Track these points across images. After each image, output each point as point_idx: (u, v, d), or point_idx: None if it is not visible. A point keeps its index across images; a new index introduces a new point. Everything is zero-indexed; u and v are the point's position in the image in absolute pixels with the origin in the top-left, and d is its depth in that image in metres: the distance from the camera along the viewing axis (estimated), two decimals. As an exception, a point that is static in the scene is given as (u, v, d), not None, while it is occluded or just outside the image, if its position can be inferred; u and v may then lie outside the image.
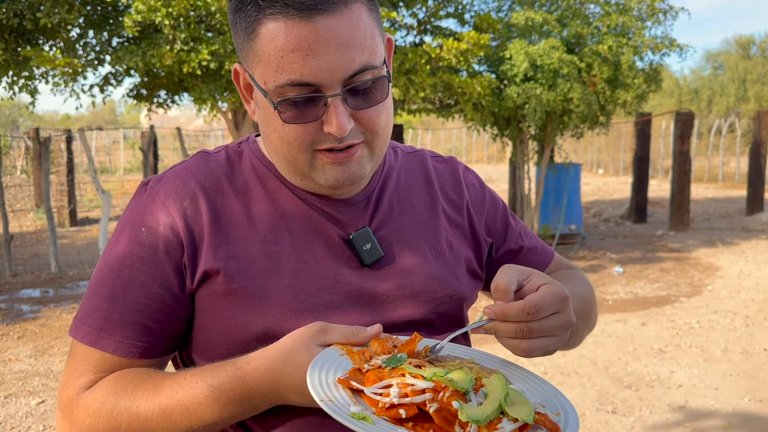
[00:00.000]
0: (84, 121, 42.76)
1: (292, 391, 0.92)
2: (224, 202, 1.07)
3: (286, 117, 0.98)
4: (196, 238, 1.04)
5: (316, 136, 1.00)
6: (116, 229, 1.09)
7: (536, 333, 0.94)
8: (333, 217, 1.09)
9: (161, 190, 1.06)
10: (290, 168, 1.06)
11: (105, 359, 1.03)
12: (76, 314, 1.07)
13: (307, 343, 0.92)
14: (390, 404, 0.82)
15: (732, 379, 4.85)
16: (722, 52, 36.43)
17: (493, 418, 0.82)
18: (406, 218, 1.15)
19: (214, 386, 0.96)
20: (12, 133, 27.49)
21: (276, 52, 0.95)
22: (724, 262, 8.94)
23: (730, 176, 21.33)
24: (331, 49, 0.94)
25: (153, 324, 1.04)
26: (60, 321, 6.52)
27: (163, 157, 23.42)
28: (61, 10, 6.56)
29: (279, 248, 1.06)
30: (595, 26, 8.55)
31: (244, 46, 1.00)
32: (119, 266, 1.04)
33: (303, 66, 0.94)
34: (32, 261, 9.51)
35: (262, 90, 0.99)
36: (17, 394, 4.75)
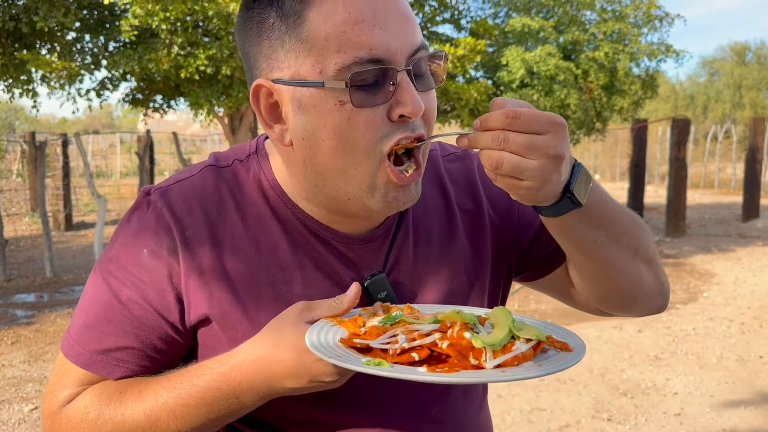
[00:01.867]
0: (81, 125, 42.72)
1: (287, 375, 0.87)
2: (231, 233, 0.99)
3: (358, 101, 0.86)
4: (198, 272, 0.97)
5: (385, 127, 0.89)
6: (115, 239, 1.01)
7: (513, 146, 0.81)
8: (347, 258, 1.01)
9: (165, 209, 0.98)
10: (341, 185, 0.93)
11: (92, 375, 0.99)
12: (69, 327, 1.02)
13: (295, 323, 0.88)
14: (401, 350, 0.80)
15: (728, 387, 4.85)
16: (718, 58, 36.61)
17: (506, 343, 0.81)
18: (423, 251, 1.06)
19: (198, 386, 0.92)
20: (8, 136, 27.43)
21: (336, 28, 0.85)
22: (720, 269, 8.94)
23: (726, 182, 21.38)
24: (397, 18, 0.87)
25: (151, 352, 0.98)
26: (54, 326, 6.49)
27: (160, 161, 23.40)
28: (58, 13, 6.55)
29: (288, 289, 0.98)
30: (592, 33, 8.58)
31: (283, 43, 0.89)
32: (117, 285, 0.98)
33: (371, 38, 0.85)
34: (27, 265, 9.47)
35: (316, 83, 0.87)
36: (10, 400, 4.72)
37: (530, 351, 0.82)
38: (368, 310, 0.94)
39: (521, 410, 4.45)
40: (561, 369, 0.79)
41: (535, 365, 0.81)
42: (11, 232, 11.29)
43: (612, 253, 1.01)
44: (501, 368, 0.79)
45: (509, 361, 0.80)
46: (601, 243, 0.99)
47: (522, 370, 0.79)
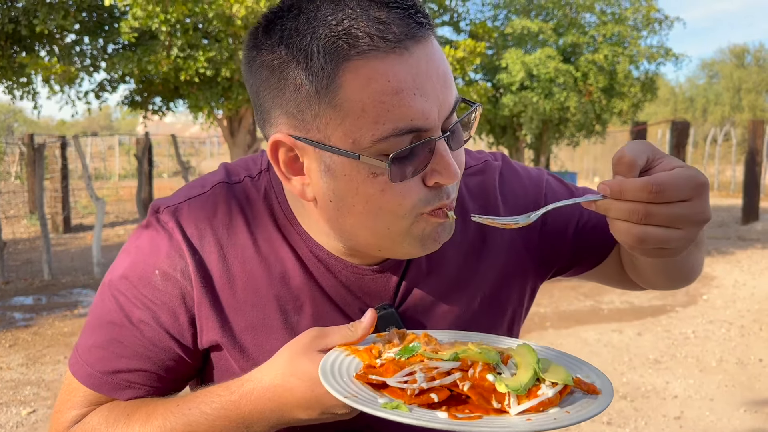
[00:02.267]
0: (79, 127, 42.72)
1: (298, 407, 0.85)
2: (242, 256, 0.96)
3: (396, 176, 0.81)
4: (211, 297, 0.95)
5: (422, 195, 0.85)
6: (124, 259, 0.99)
7: (655, 219, 0.73)
8: (358, 288, 0.98)
9: (177, 231, 0.96)
10: (370, 241, 0.90)
11: (101, 396, 0.99)
12: (77, 347, 1.00)
13: (308, 352, 0.85)
14: (419, 390, 0.76)
15: (727, 390, 4.84)
16: (717, 61, 36.66)
17: (531, 386, 0.77)
18: (436, 280, 1.02)
19: (207, 414, 0.90)
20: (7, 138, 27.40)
21: (373, 98, 0.78)
22: (720, 272, 8.94)
23: (726, 185, 21.40)
24: (436, 83, 0.82)
25: (162, 372, 0.98)
26: (52, 329, 6.47)
27: (158, 163, 23.40)
28: (57, 16, 6.55)
29: (299, 319, 0.97)
30: (591, 35, 8.59)
31: (311, 104, 0.82)
32: (129, 306, 0.96)
33: (411, 108, 0.79)
34: (25, 268, 9.46)
35: (349, 154, 0.81)
36: (8, 403, 4.70)
37: (557, 396, 0.78)
38: (383, 337, 0.91)
39: (521, 414, 4.44)
40: (589, 417, 0.74)
41: (562, 411, 0.76)
42: (9, 234, 11.28)
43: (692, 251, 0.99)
44: (526, 415, 0.75)
45: (534, 407, 0.76)
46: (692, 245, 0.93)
47: (549, 418, 0.74)
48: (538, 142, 9.11)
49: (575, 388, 0.81)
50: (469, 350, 0.81)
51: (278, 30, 0.83)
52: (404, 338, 0.90)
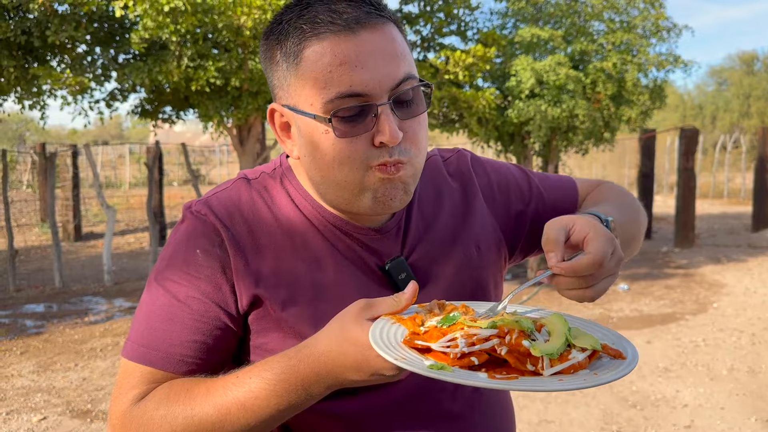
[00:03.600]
0: (90, 136, 43.03)
1: (351, 369, 0.92)
2: (267, 230, 1.10)
3: (339, 132, 1.00)
4: (245, 263, 1.07)
5: (368, 151, 1.02)
6: (166, 253, 1.11)
7: (598, 279, 0.97)
8: (370, 247, 1.13)
9: (209, 214, 1.09)
10: (338, 193, 1.07)
11: (157, 372, 1.05)
12: (129, 337, 1.08)
13: (358, 320, 0.93)
14: (461, 354, 0.84)
15: (738, 399, 4.81)
16: (726, 68, 36.51)
17: (563, 351, 0.85)
18: (433, 237, 1.19)
19: (268, 379, 0.97)
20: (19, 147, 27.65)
21: (323, 68, 0.98)
22: (730, 279, 8.89)
23: (736, 192, 21.28)
24: (378, 59, 1.00)
25: (211, 341, 1.06)
26: (63, 336, 6.52)
27: (168, 172, 23.50)
28: (69, 27, 6.62)
29: (323, 275, 1.09)
30: (600, 43, 8.58)
31: (286, 77, 1.03)
32: (175, 287, 1.06)
33: (352, 77, 0.98)
34: (36, 275, 9.53)
35: (308, 114, 1.02)
36: (19, 410, 4.74)
37: (586, 360, 0.86)
38: (425, 307, 0.98)
39: (529, 422, 4.43)
40: (616, 378, 0.83)
41: (591, 374, 0.84)
42: (21, 242, 11.37)
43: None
44: (558, 376, 0.82)
45: (566, 370, 0.83)
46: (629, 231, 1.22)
47: (578, 378, 0.82)
48: (546, 150, 9.10)
49: (603, 354, 0.89)
50: (505, 319, 0.89)
51: (271, 28, 1.07)
52: (444, 308, 0.99)
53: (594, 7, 8.68)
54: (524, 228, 1.29)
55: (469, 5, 8.49)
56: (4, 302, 7.94)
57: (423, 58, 8.72)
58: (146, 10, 6.28)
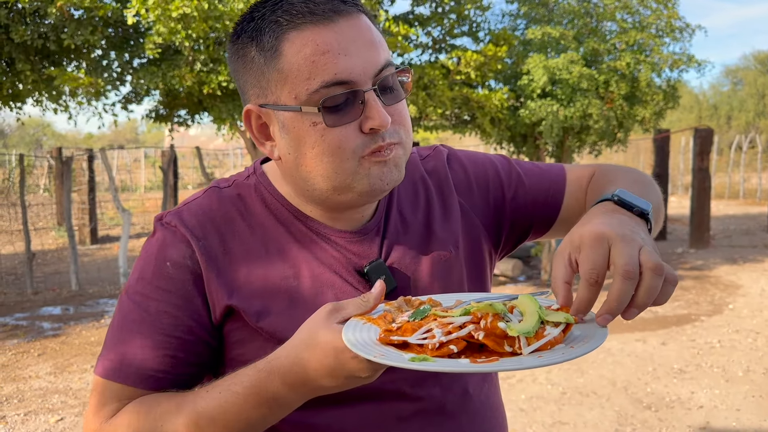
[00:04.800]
0: (106, 140, 43.42)
1: (324, 376, 0.90)
2: (240, 240, 1.08)
3: (330, 121, 0.98)
4: (217, 274, 1.05)
5: (359, 139, 1.00)
6: (137, 266, 1.09)
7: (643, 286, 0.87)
8: (348, 250, 1.11)
9: (180, 225, 1.07)
10: (328, 185, 1.03)
11: (129, 389, 1.04)
12: (102, 351, 1.07)
13: (327, 324, 0.91)
14: (438, 344, 0.83)
15: (754, 401, 4.77)
16: (741, 67, 36.18)
17: (537, 329, 0.85)
18: (411, 239, 1.16)
19: (237, 393, 0.95)
20: (36, 152, 27.95)
21: (306, 58, 0.97)
22: (746, 280, 8.81)
23: (752, 193, 21.07)
24: (359, 46, 0.99)
25: (183, 354, 1.04)
26: (80, 338, 6.58)
27: (183, 175, 23.66)
28: (85, 31, 6.70)
29: (298, 282, 1.06)
30: (612, 43, 8.55)
31: (264, 73, 1.01)
32: (146, 301, 1.04)
33: (336, 65, 0.97)
34: (53, 278, 9.63)
35: (293, 108, 0.99)
36: (37, 411, 4.80)
37: (561, 335, 0.87)
38: (392, 305, 0.98)
39: (543, 424, 4.42)
40: (592, 348, 0.83)
41: (567, 347, 0.85)
42: (38, 245, 11.49)
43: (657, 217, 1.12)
44: (537, 353, 0.83)
45: (543, 347, 0.84)
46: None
47: (557, 353, 0.83)
48: (559, 151, 9.07)
49: (576, 328, 0.89)
50: (478, 305, 0.89)
51: (241, 28, 1.04)
52: (411, 304, 0.98)
53: (606, 8, 8.65)
54: (506, 218, 1.25)
55: (481, 6, 8.49)
56: (22, 305, 8.04)
57: (434, 59, 8.73)
58: (158, 16, 6.34)
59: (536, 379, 5.21)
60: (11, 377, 5.51)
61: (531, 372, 5.29)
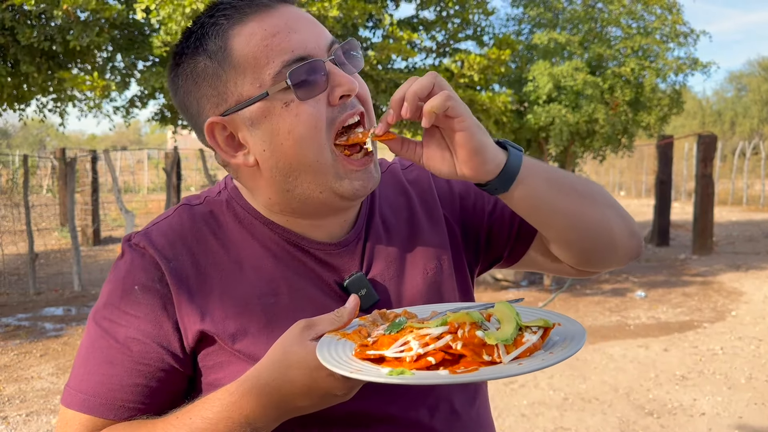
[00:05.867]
0: (109, 141, 43.50)
1: (299, 395, 0.88)
2: (213, 260, 1.03)
3: (301, 94, 0.95)
4: (188, 298, 1.00)
5: (329, 113, 0.98)
6: (105, 290, 1.04)
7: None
8: (327, 263, 1.06)
9: (148, 247, 1.02)
10: (313, 175, 0.99)
11: (98, 420, 0.99)
12: (69, 381, 1.02)
13: (300, 342, 0.88)
14: (416, 356, 0.81)
15: (757, 408, 4.75)
16: (745, 73, 36.15)
17: (516, 336, 0.84)
18: (395, 250, 1.13)
19: (209, 418, 0.91)
20: (39, 153, 28.02)
21: (258, 45, 0.95)
22: (749, 287, 8.79)
23: (755, 199, 21.03)
24: (305, 24, 0.99)
25: (155, 384, 1.00)
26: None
27: (186, 177, 23.70)
28: (91, 33, 6.71)
29: (276, 300, 1.02)
30: (617, 49, 8.55)
31: (219, 76, 0.98)
32: (114, 328, 1.00)
33: (290, 42, 0.96)
34: (56, 279, 9.64)
35: (260, 96, 0.96)
36: (39, 412, 4.80)
37: (540, 341, 0.85)
38: (367, 319, 0.95)
39: (545, 429, 4.41)
40: (571, 354, 0.81)
41: (547, 353, 0.83)
42: (41, 246, 11.51)
43: (574, 202, 1.06)
44: (517, 361, 0.82)
45: (523, 354, 0.82)
46: (559, 196, 1.04)
47: (537, 360, 0.81)
48: (563, 156, 9.07)
49: (554, 334, 0.88)
50: (454, 314, 0.87)
51: (181, 51, 1.02)
52: (386, 318, 0.96)
53: (611, 13, 8.66)
54: (484, 232, 1.21)
55: (485, 10, 8.50)
56: (25, 305, 8.05)
57: (438, 63, 8.74)
58: (170, 13, 6.34)
59: (538, 384, 5.20)
60: (13, 378, 5.51)
61: (533, 377, 5.28)
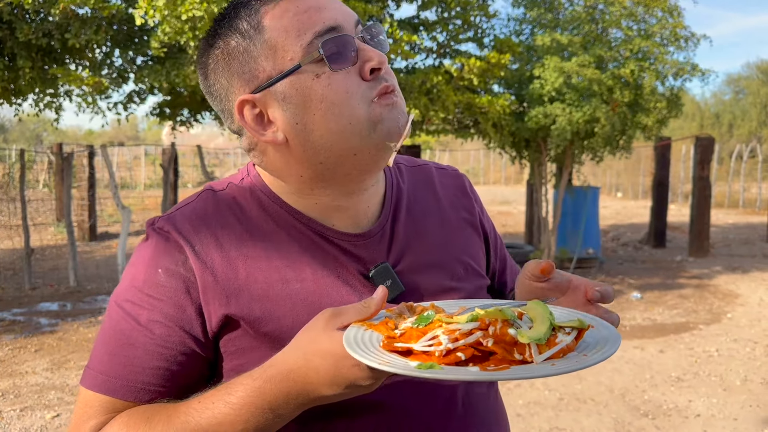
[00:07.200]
0: (106, 137, 43.42)
1: (323, 384, 0.87)
2: (238, 244, 1.03)
3: (334, 64, 0.98)
4: (213, 281, 1.00)
5: (363, 86, 0.99)
6: (128, 272, 1.04)
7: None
8: (351, 253, 1.06)
9: (173, 231, 1.02)
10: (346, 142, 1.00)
11: (118, 402, 0.99)
12: (89, 363, 1.02)
13: (326, 330, 0.87)
14: (445, 351, 0.79)
15: (752, 410, 4.77)
16: (744, 76, 36.23)
17: (549, 336, 0.82)
18: (422, 244, 1.13)
19: (232, 403, 0.91)
20: (36, 147, 27.95)
21: (291, 20, 0.98)
22: (745, 290, 8.81)
23: (751, 202, 21.08)
24: (335, 2, 1.03)
25: (176, 367, 1.00)
26: (77, 335, 6.57)
27: (183, 173, 23.68)
28: (89, 30, 6.69)
29: (301, 285, 1.02)
30: (617, 51, 8.54)
31: (251, 53, 1.00)
32: (136, 310, 1.00)
33: (321, 16, 0.99)
34: (51, 274, 9.62)
35: (292, 69, 0.98)
36: (33, 407, 4.79)
37: (573, 342, 0.83)
38: (393, 311, 0.93)
39: (540, 429, 4.41)
40: (606, 357, 0.80)
41: (580, 355, 0.81)
42: (37, 241, 11.48)
43: None
44: (549, 361, 0.80)
45: (555, 354, 0.80)
46: None
47: (570, 361, 0.79)
48: (562, 157, 9.07)
49: (587, 336, 0.85)
50: (486, 310, 0.84)
51: (212, 35, 1.04)
52: (413, 311, 0.93)
53: (612, 15, 8.65)
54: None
55: (487, 13, 8.49)
56: (20, 300, 8.03)
57: (439, 63, 8.73)
58: (165, 17, 6.34)
59: (533, 384, 5.20)
60: (8, 372, 5.50)
61: (529, 377, 5.28)
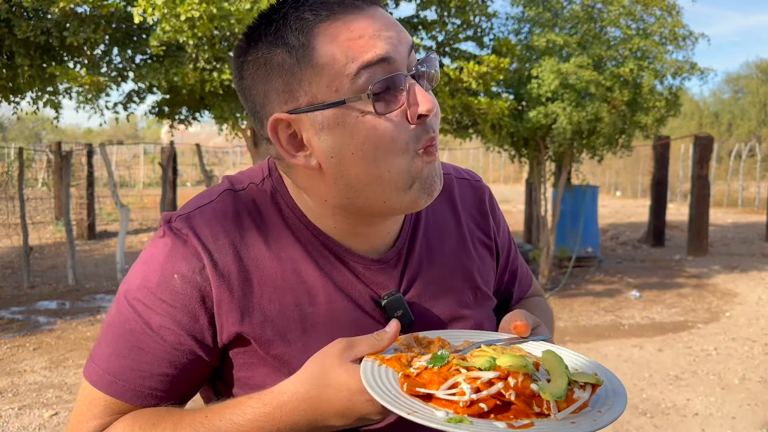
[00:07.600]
0: (105, 135, 43.35)
1: (335, 415, 0.87)
2: (255, 255, 1.00)
3: (381, 107, 0.90)
4: (229, 296, 0.98)
5: (408, 132, 0.93)
6: (140, 269, 1.01)
7: None
8: (366, 278, 1.04)
9: (191, 235, 0.99)
10: (380, 191, 0.95)
11: (123, 404, 0.99)
12: (94, 357, 1.01)
13: (341, 362, 0.87)
14: (470, 401, 0.81)
15: (750, 409, 4.77)
16: (743, 75, 36.24)
17: (568, 391, 0.84)
18: (435, 271, 1.11)
19: (240, 424, 0.91)
20: (35, 146, 27.92)
21: (341, 45, 0.90)
22: (743, 289, 8.82)
23: (750, 201, 21.10)
24: (390, 29, 0.93)
25: (183, 374, 0.99)
26: (76, 333, 6.57)
27: (182, 172, 23.67)
28: (88, 29, 6.68)
29: (314, 309, 1.00)
30: (616, 50, 8.54)
31: (294, 74, 0.92)
32: (148, 313, 0.98)
33: (375, 44, 0.90)
34: (50, 273, 9.61)
35: (335, 103, 0.91)
36: (31, 405, 4.79)
37: (589, 398, 0.85)
38: (401, 342, 0.94)
39: (538, 428, 4.41)
40: (619, 414, 0.82)
41: (595, 412, 0.83)
42: (35, 240, 11.47)
43: None
44: (569, 418, 0.82)
45: (574, 411, 0.83)
46: None
47: (589, 420, 0.81)
48: (561, 155, 9.06)
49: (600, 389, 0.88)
50: (504, 358, 0.86)
51: (256, 36, 0.95)
52: (419, 342, 0.95)
53: (610, 14, 8.65)
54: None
55: (486, 13, 8.49)
56: (18, 299, 8.03)
57: (439, 64, 8.72)
58: (164, 15, 6.33)
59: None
60: (6, 371, 5.50)
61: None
